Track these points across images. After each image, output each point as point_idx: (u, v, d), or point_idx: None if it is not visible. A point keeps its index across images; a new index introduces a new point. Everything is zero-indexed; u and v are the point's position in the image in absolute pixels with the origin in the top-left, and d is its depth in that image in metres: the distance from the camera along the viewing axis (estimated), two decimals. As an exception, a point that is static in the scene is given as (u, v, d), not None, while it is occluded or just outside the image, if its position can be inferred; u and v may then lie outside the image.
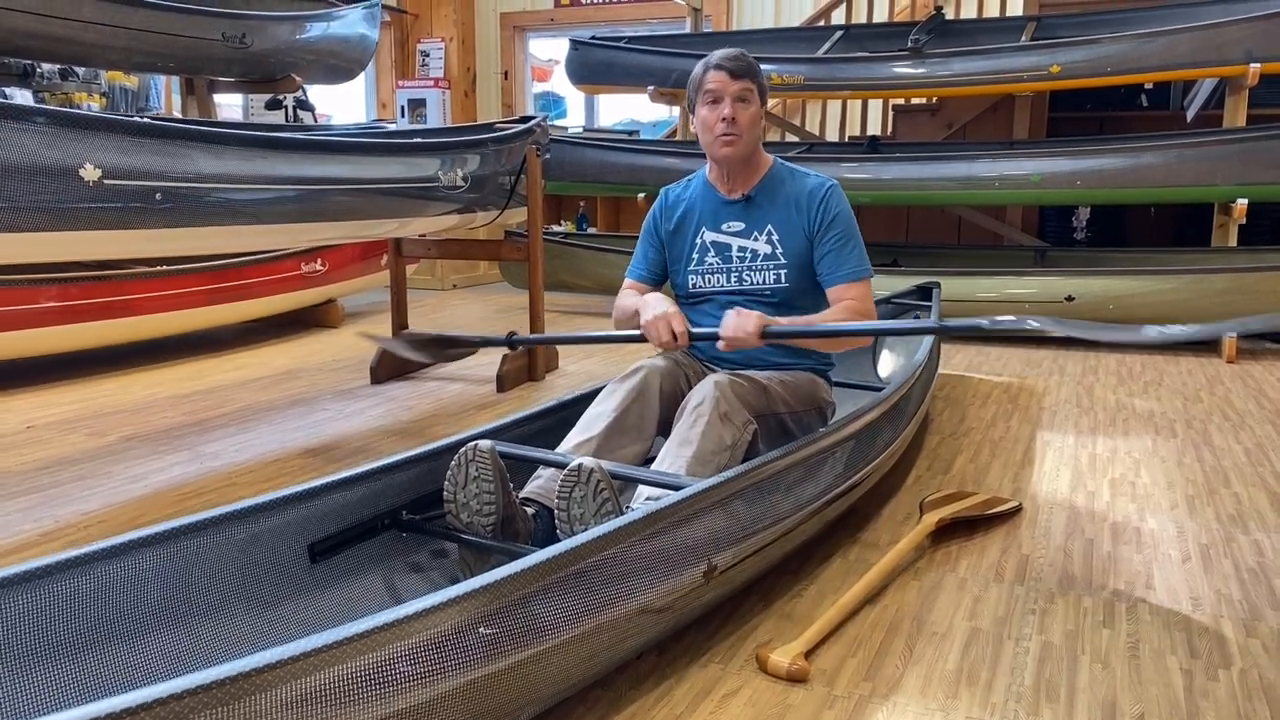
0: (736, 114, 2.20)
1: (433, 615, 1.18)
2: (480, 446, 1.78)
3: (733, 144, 2.23)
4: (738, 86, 2.20)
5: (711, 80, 2.22)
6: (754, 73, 2.24)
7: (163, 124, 2.20)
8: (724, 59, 2.22)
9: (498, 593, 1.27)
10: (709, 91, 2.22)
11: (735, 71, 2.20)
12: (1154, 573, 2.12)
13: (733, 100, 2.20)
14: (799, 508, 1.96)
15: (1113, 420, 3.44)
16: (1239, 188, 4.65)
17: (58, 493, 2.55)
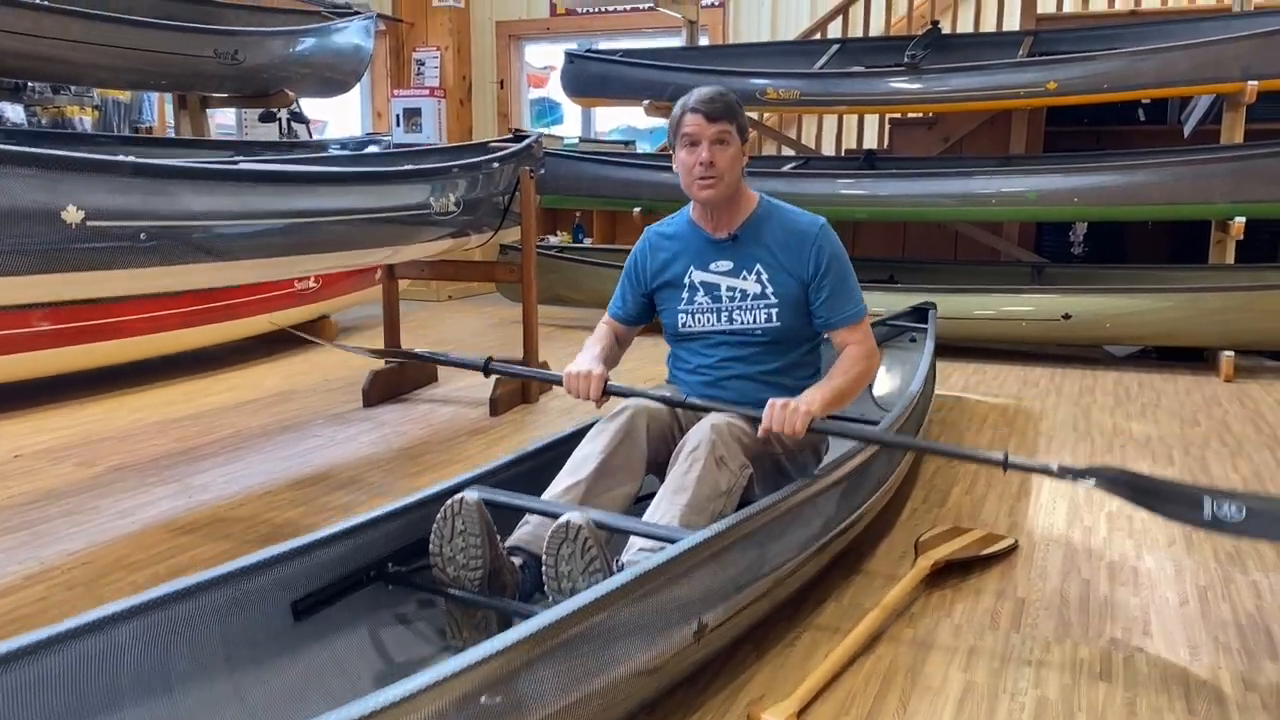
0: (714, 157, 2.16)
1: (419, 698, 1.16)
2: (466, 500, 1.75)
3: (712, 187, 2.20)
4: (715, 129, 2.16)
5: (688, 123, 2.18)
6: (732, 113, 2.19)
7: (147, 163, 2.16)
8: (700, 101, 2.17)
9: (484, 671, 1.24)
10: (686, 135, 2.19)
11: (711, 114, 2.15)
12: (1151, 618, 2.10)
13: (710, 143, 2.16)
14: (792, 556, 1.94)
15: (1110, 446, 3.42)
16: (1236, 205, 4.63)
17: (45, 529, 2.53)
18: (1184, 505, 1.85)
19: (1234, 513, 1.79)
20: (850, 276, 2.31)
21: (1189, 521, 1.81)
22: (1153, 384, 4.44)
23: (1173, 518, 1.85)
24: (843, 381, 2.19)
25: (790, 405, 2.04)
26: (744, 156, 2.27)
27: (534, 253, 3.86)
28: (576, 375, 2.20)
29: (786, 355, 2.30)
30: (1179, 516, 1.84)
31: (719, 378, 2.32)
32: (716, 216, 2.30)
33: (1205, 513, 1.80)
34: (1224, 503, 1.81)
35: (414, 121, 8.49)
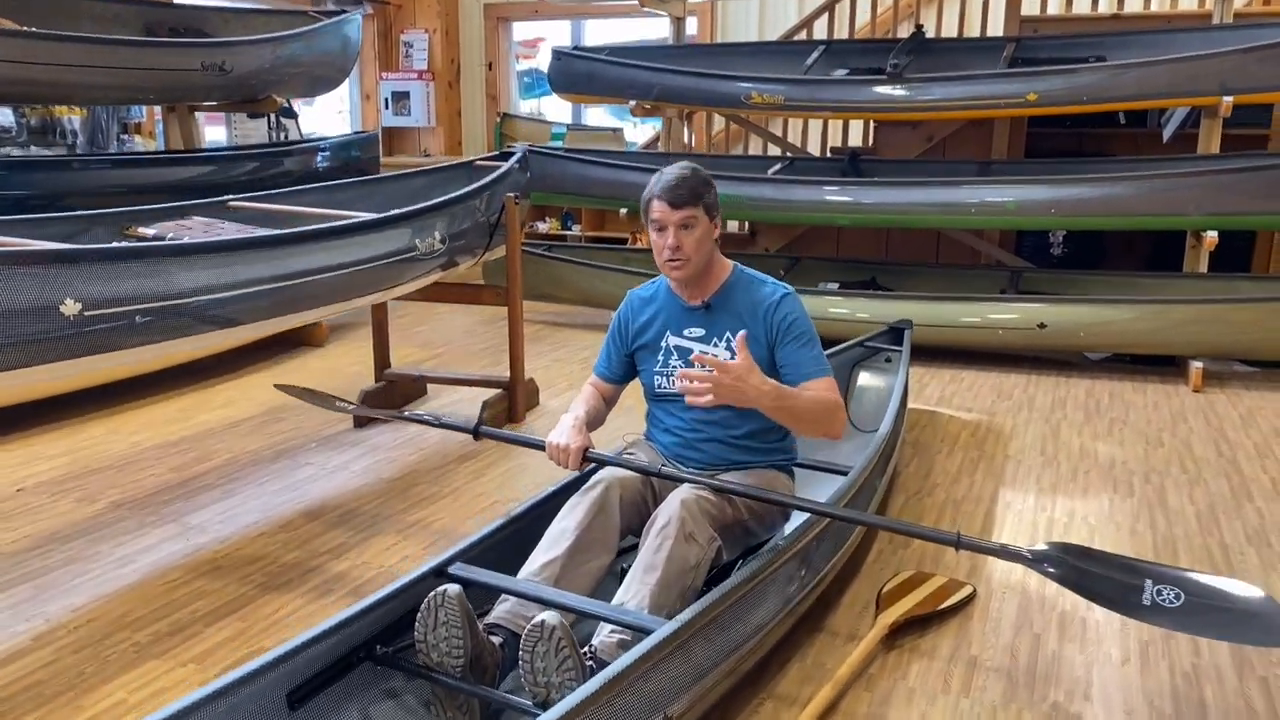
0: (681, 242, 2.27)
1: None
2: (449, 593, 1.87)
3: (680, 269, 2.31)
4: (679, 216, 2.26)
5: (655, 210, 2.29)
6: (697, 197, 2.27)
7: (138, 245, 2.25)
8: (664, 189, 2.26)
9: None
10: (654, 220, 2.30)
11: (675, 202, 2.25)
12: (1094, 679, 2.24)
13: (676, 229, 2.27)
14: (755, 632, 2.07)
15: (1074, 473, 3.55)
16: (1209, 218, 4.73)
17: (48, 581, 2.64)
18: (1126, 589, 1.93)
19: (1172, 599, 1.89)
20: (813, 340, 2.40)
21: (1128, 612, 1.92)
22: (1123, 395, 4.56)
23: (1114, 609, 1.95)
24: (805, 402, 2.24)
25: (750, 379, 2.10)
26: (715, 230, 2.37)
27: (519, 279, 3.95)
28: (557, 447, 2.31)
29: (755, 420, 2.40)
30: (1120, 607, 1.93)
31: (692, 439, 2.44)
32: (689, 288, 2.40)
33: (1145, 596, 1.90)
34: (1164, 587, 1.91)
35: (402, 105, 8.51)
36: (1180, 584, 1.90)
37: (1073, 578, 1.98)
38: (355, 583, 2.66)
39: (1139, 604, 1.91)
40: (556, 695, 1.78)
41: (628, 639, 1.94)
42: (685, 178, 2.29)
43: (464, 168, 4.38)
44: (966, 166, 5.58)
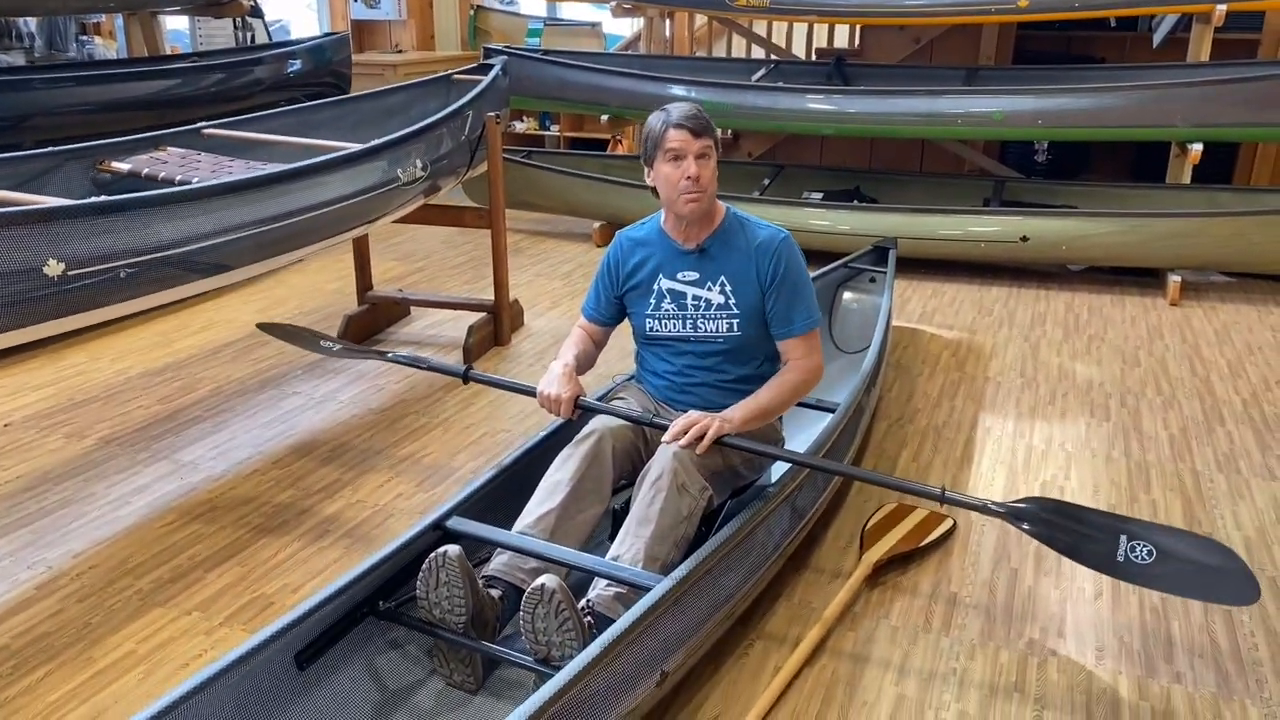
0: (700, 172, 2.24)
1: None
2: (449, 554, 1.92)
3: (698, 200, 2.28)
4: (700, 144, 2.24)
5: (673, 139, 2.24)
6: (712, 129, 2.29)
7: (119, 199, 2.19)
8: (684, 117, 2.24)
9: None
10: (671, 149, 2.25)
11: (697, 130, 2.23)
12: (1067, 614, 2.34)
13: (695, 158, 2.24)
14: (746, 582, 2.14)
15: (1052, 396, 3.62)
16: (1195, 130, 4.70)
17: (46, 525, 2.67)
18: (1101, 545, 2.00)
19: (1145, 555, 1.96)
20: (806, 288, 2.41)
21: (1103, 569, 1.99)
22: (1101, 310, 4.62)
23: (1089, 565, 2.02)
24: (768, 398, 2.31)
25: (701, 422, 2.18)
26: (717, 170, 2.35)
27: (502, 203, 3.89)
28: (548, 397, 2.32)
29: (746, 364, 2.43)
30: (1095, 564, 2.01)
31: (683, 384, 2.46)
32: (688, 228, 2.38)
33: (1120, 553, 1.97)
34: (1138, 544, 1.97)
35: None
36: (1153, 541, 1.97)
37: (1050, 534, 2.04)
38: (350, 524, 2.70)
39: (1113, 561, 1.98)
40: (557, 653, 1.85)
41: (624, 592, 2.01)
42: (698, 111, 2.28)
43: (441, 82, 4.26)
44: (954, 73, 5.48)
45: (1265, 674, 2.13)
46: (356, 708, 1.91)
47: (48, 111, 4.21)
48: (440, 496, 2.83)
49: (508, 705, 1.94)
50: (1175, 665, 2.16)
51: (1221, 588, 1.89)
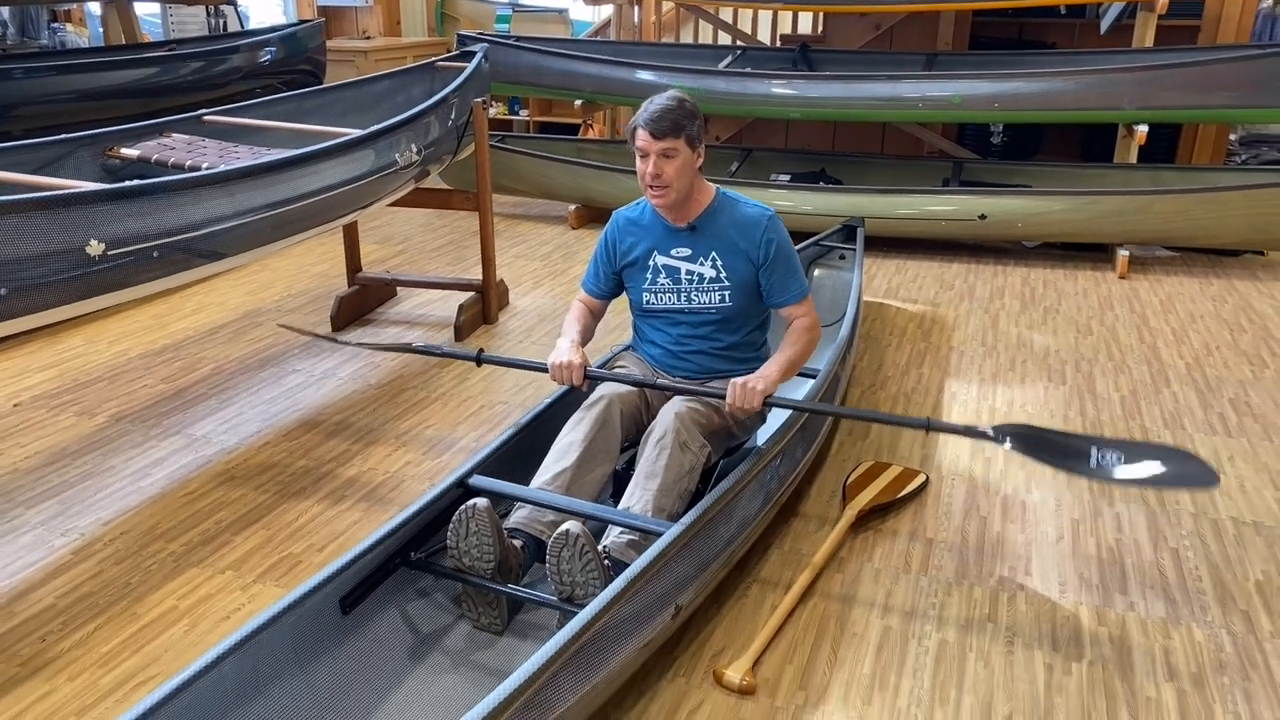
0: (661, 170, 2.41)
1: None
2: (478, 506, 2.09)
3: (662, 196, 2.47)
4: (660, 145, 2.39)
5: (639, 138, 2.42)
6: (679, 129, 2.39)
7: (152, 183, 2.33)
8: (649, 119, 2.39)
9: (533, 686, 1.63)
10: (638, 148, 2.43)
11: (657, 133, 2.38)
12: (1032, 555, 2.57)
13: (657, 158, 2.41)
14: (748, 525, 2.35)
15: (1012, 363, 3.87)
16: (1141, 112, 4.97)
17: (71, 496, 2.80)
18: (1074, 456, 2.22)
19: (1114, 460, 2.17)
20: (795, 260, 2.62)
21: (1079, 472, 2.19)
22: (1055, 283, 4.88)
23: (1065, 469, 2.23)
24: (793, 353, 2.54)
25: (749, 385, 2.39)
26: (698, 159, 2.51)
27: (489, 185, 4.04)
28: (560, 365, 2.49)
29: (737, 332, 2.63)
30: (1070, 469, 2.22)
31: (679, 351, 2.65)
32: (674, 211, 2.57)
33: (1091, 460, 2.19)
34: (1107, 451, 2.21)
35: (337, -19, 8.21)
36: (1120, 449, 2.20)
37: (1029, 448, 2.26)
38: (366, 487, 2.86)
39: (1086, 465, 2.19)
40: (580, 592, 2.03)
41: (635, 539, 2.20)
42: (669, 109, 2.41)
43: (426, 69, 4.39)
44: (914, 59, 5.71)
45: (1208, 601, 2.38)
46: (393, 648, 2.08)
47: (28, 101, 4.27)
48: (448, 464, 3.00)
49: (532, 644, 2.12)
50: (1129, 596, 2.40)
51: (1185, 477, 2.13)
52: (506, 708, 1.60)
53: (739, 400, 2.38)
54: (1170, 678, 2.12)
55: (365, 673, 1.99)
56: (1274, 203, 4.84)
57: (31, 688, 2.05)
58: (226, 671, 1.72)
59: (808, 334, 2.58)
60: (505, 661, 2.10)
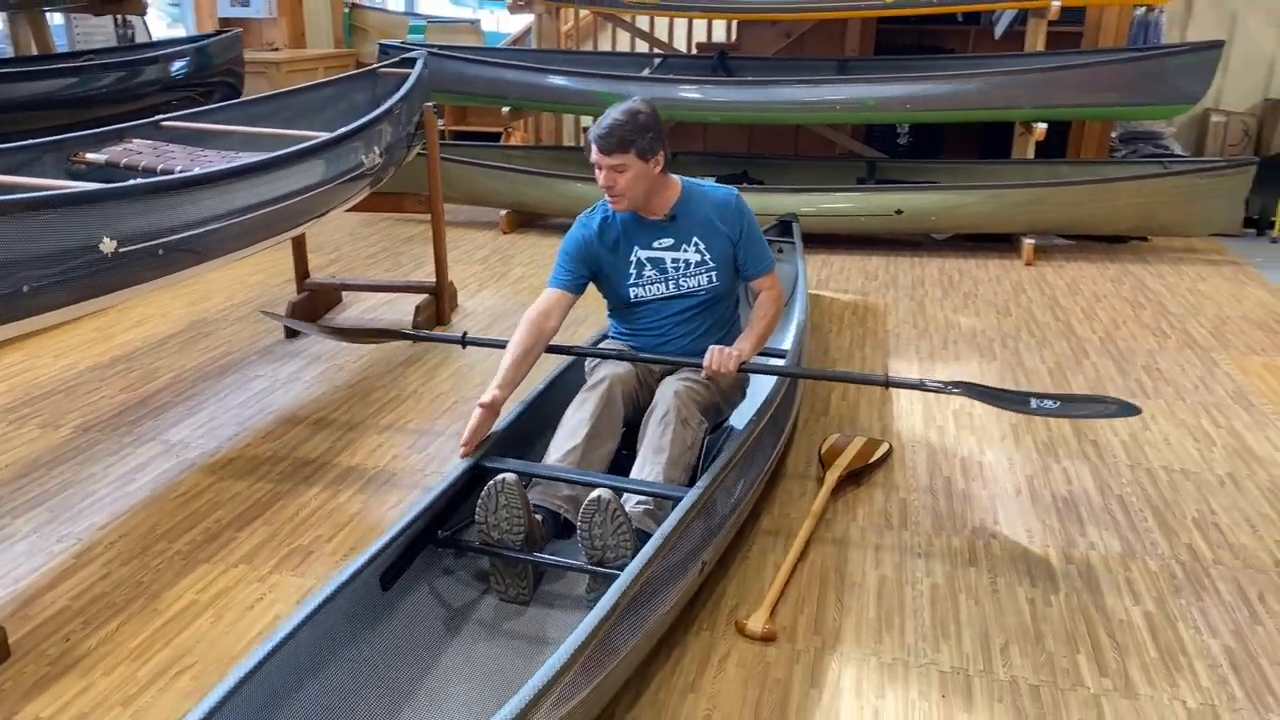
0: (614, 181, 2.56)
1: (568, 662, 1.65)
2: (507, 480, 2.19)
3: (617, 203, 2.62)
4: (610, 161, 2.53)
5: (591, 153, 2.56)
6: (627, 145, 2.50)
7: (162, 180, 2.35)
8: (598, 136, 2.52)
9: (604, 626, 1.74)
10: (591, 161, 2.57)
11: (604, 150, 2.52)
12: (997, 507, 2.81)
13: (608, 170, 2.55)
14: (751, 487, 2.51)
15: (944, 342, 4.15)
16: (1039, 110, 5.37)
17: (57, 504, 2.76)
18: (1016, 401, 2.60)
19: (1050, 404, 2.56)
20: (762, 237, 2.81)
21: (1022, 410, 2.57)
22: (970, 271, 5.22)
23: (1009, 409, 2.61)
24: (762, 326, 2.74)
25: (725, 352, 2.56)
26: (656, 165, 2.59)
27: (439, 187, 4.11)
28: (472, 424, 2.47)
29: (717, 310, 2.80)
30: (1014, 409, 2.60)
31: (665, 337, 2.78)
32: (642, 209, 2.69)
33: (1032, 404, 2.56)
34: (1045, 400, 2.56)
35: (240, -5, 8.10)
36: (1054, 397, 2.58)
37: (978, 395, 2.60)
38: (359, 482, 2.91)
39: (1028, 408, 2.56)
40: (611, 555, 2.15)
41: (651, 508, 2.33)
42: (619, 125, 2.51)
43: (368, 76, 4.42)
44: (827, 64, 6.01)
45: (1156, 538, 2.65)
46: (429, 622, 2.16)
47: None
48: (436, 455, 3.07)
49: (559, 613, 2.23)
50: (1089, 537, 2.65)
51: (1112, 412, 2.56)
52: (573, 664, 1.69)
53: (716, 364, 2.55)
54: (1136, 602, 2.37)
55: (408, 645, 2.06)
56: (1158, 192, 5.30)
57: (68, 684, 2.05)
58: (301, 642, 1.78)
59: (775, 304, 2.78)
60: (537, 629, 2.20)
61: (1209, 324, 4.38)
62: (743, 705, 2.02)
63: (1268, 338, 4.21)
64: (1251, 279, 5.10)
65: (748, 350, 2.64)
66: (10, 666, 2.10)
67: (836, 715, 1.99)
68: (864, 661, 2.15)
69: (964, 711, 2.00)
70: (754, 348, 2.67)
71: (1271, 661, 2.16)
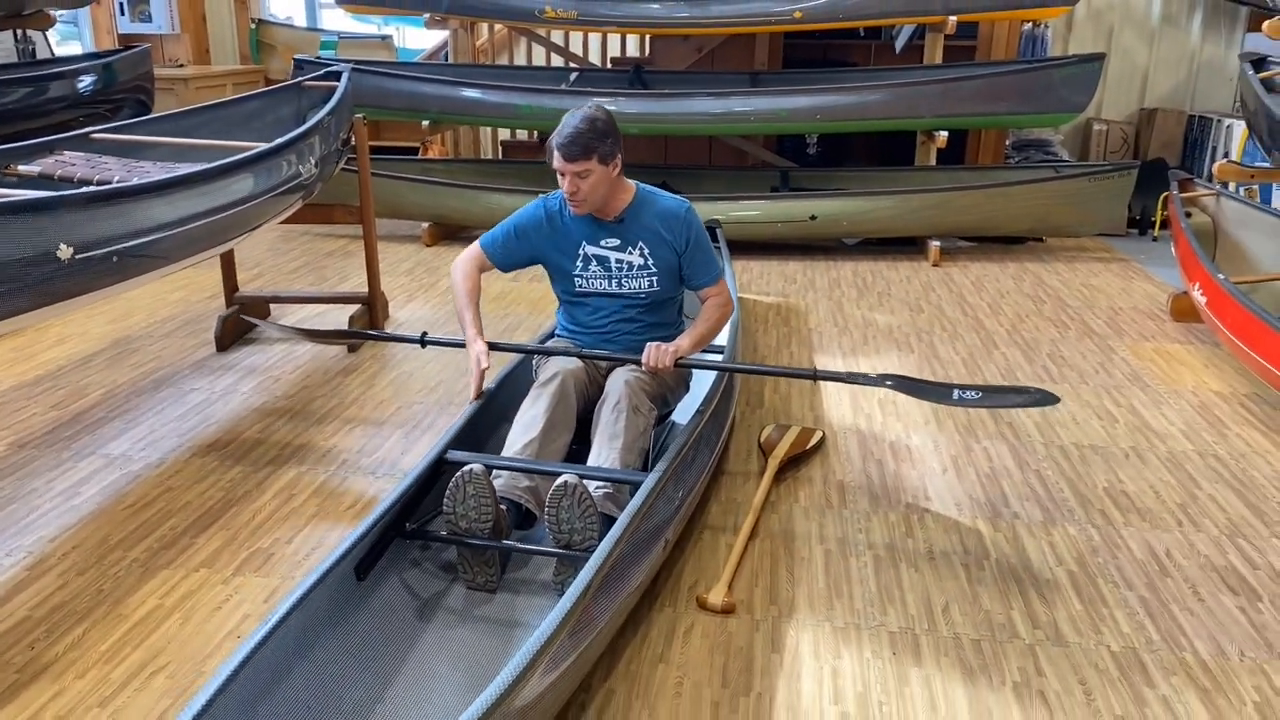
0: (577, 187, 2.67)
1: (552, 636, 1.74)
2: (475, 471, 2.26)
3: (579, 207, 2.74)
4: (574, 167, 2.63)
5: (555, 159, 2.65)
6: (589, 152, 2.61)
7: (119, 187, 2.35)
8: (561, 144, 2.61)
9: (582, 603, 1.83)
10: (555, 168, 2.67)
11: (569, 156, 2.61)
12: (927, 485, 3.00)
13: (572, 176, 2.66)
14: (702, 472, 2.64)
15: (864, 338, 4.36)
16: (940, 119, 5.67)
17: (2, 518, 2.71)
18: (941, 391, 2.74)
19: (972, 395, 2.70)
20: (710, 246, 2.94)
21: (946, 402, 2.71)
22: (881, 272, 5.47)
23: (935, 401, 2.76)
24: (703, 328, 2.86)
25: (663, 348, 2.69)
26: (614, 170, 2.72)
27: (371, 198, 4.15)
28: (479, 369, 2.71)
29: (659, 313, 2.92)
30: (939, 400, 2.74)
31: (611, 334, 2.90)
32: (598, 211, 2.81)
33: (954, 395, 2.71)
34: (967, 391, 2.71)
35: (141, 10, 7.96)
36: (975, 388, 2.73)
37: (905, 387, 2.75)
38: (312, 485, 2.93)
39: (950, 399, 2.72)
40: (578, 538, 2.24)
41: (611, 492, 2.43)
42: (581, 133, 2.62)
43: (292, 90, 4.42)
44: (739, 78, 6.22)
45: (1073, 506, 2.87)
46: (403, 611, 2.21)
47: None
48: (385, 460, 3.11)
49: (526, 597, 2.31)
50: (1012, 509, 2.85)
51: (1032, 401, 2.69)
52: (557, 636, 1.77)
53: (652, 360, 2.67)
54: (1059, 563, 2.57)
55: (386, 631, 2.12)
56: (1051, 195, 5.66)
57: (39, 689, 2.04)
58: (291, 626, 1.83)
59: (719, 310, 2.90)
60: (507, 613, 2.27)
61: (1103, 315, 4.70)
62: (710, 671, 2.13)
63: (1156, 326, 4.55)
64: (1137, 274, 5.48)
65: (685, 347, 2.75)
66: (-25, 677, 2.08)
67: (798, 675, 2.12)
68: (819, 627, 2.29)
69: (914, 666, 2.16)
70: (692, 346, 2.79)
71: (1181, 608, 2.38)
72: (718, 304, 2.91)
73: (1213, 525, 2.77)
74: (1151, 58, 7.33)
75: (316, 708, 1.84)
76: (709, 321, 2.87)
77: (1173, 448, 3.26)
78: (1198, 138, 7.01)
